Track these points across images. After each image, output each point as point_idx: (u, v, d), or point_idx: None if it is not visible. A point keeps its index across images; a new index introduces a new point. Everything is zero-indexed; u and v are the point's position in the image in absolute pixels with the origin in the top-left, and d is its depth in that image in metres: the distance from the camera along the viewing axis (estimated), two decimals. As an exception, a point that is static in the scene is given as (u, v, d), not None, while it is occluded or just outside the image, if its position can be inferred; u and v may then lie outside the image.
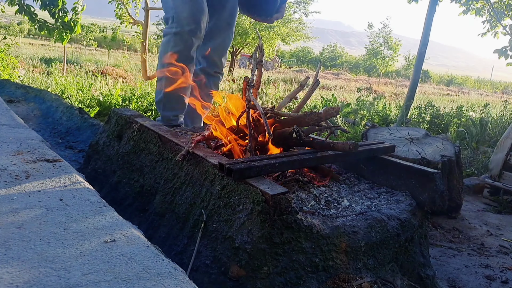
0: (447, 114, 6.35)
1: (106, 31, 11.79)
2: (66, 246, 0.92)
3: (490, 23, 7.60)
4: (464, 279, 1.80)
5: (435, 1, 6.22)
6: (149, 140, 1.67)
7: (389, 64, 24.02)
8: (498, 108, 8.20)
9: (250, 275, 1.07)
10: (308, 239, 1.16)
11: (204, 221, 1.21)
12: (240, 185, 1.18)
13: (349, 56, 40.17)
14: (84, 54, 16.70)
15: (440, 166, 2.31)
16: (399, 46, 23.74)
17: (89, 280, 0.80)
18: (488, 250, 2.15)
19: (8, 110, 2.21)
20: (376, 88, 17.72)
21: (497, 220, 2.66)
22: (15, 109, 2.87)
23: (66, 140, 2.56)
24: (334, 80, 21.99)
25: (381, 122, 6.11)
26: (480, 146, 4.88)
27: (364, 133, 2.75)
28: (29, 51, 14.45)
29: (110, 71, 11.38)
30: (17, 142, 1.62)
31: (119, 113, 1.95)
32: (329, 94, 9.47)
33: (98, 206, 1.16)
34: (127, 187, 1.66)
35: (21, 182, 1.24)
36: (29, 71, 8.60)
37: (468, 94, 20.43)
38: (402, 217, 1.41)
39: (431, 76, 33.83)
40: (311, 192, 1.47)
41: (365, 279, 1.22)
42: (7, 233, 0.94)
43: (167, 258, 0.93)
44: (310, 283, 1.14)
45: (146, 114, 4.94)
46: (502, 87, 31.96)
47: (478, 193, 3.22)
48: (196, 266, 1.17)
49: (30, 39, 25.48)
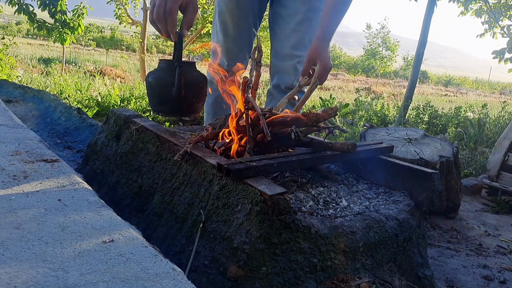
0: (445, 114, 6.37)
1: (105, 31, 11.80)
2: (64, 246, 0.92)
3: (488, 24, 7.62)
4: (462, 279, 1.80)
5: (433, 2, 6.24)
6: (148, 140, 1.67)
7: (387, 64, 24.07)
8: (496, 108, 8.23)
9: (249, 275, 1.07)
10: (307, 239, 1.16)
11: (203, 221, 1.21)
12: (238, 185, 1.18)
13: (347, 56, 40.22)
14: (83, 54, 16.67)
15: (438, 166, 2.32)
16: (397, 46, 23.79)
17: (87, 280, 0.80)
18: (486, 250, 2.16)
19: (6, 110, 2.21)
20: (374, 88, 17.75)
21: (495, 221, 2.66)
22: (13, 109, 2.87)
23: (65, 140, 2.55)
24: (333, 80, 22.01)
25: (379, 122, 6.12)
26: (478, 146, 4.90)
27: (362, 134, 2.76)
28: (27, 51, 14.42)
29: (108, 71, 11.38)
30: (15, 142, 1.62)
31: (117, 113, 1.94)
32: (327, 94, 9.48)
33: (96, 206, 1.16)
34: (126, 187, 1.66)
35: (19, 182, 1.23)
36: (28, 71, 8.59)
37: (466, 95, 20.49)
38: (400, 218, 1.42)
39: (429, 77, 33.90)
40: (310, 192, 1.47)
41: (364, 279, 1.22)
42: (5, 233, 0.94)
43: (165, 259, 0.93)
44: (309, 283, 1.14)
45: (145, 114, 4.94)
46: (500, 87, 32.05)
47: (476, 194, 3.22)
48: (195, 266, 1.17)
49: (29, 39, 25.44)
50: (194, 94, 1.58)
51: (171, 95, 1.50)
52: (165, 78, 1.54)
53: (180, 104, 1.56)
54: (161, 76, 1.56)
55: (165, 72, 1.55)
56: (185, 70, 1.52)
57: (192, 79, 1.57)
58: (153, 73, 1.59)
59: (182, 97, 1.51)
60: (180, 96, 1.50)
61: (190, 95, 1.56)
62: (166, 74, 1.54)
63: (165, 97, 1.54)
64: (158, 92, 1.56)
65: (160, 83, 1.55)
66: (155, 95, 1.58)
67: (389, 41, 23.92)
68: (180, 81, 1.48)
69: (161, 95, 1.56)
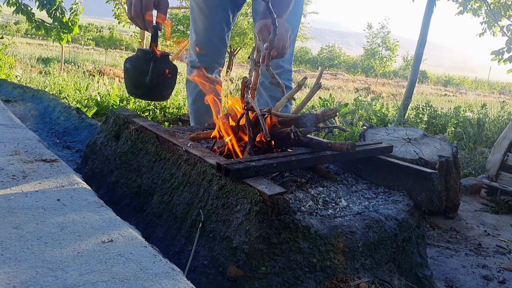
0: (445, 114, 6.37)
1: (102, 30, 11.79)
2: (63, 246, 0.92)
3: (487, 24, 7.62)
4: (462, 279, 1.80)
5: (433, 2, 6.24)
6: (147, 140, 1.67)
7: (387, 64, 24.07)
8: (495, 108, 8.23)
9: (248, 275, 1.07)
10: (306, 239, 1.16)
11: (202, 221, 1.21)
12: (238, 185, 1.18)
13: (347, 56, 40.21)
14: (82, 53, 16.65)
15: (438, 166, 2.32)
16: (397, 46, 23.79)
17: (86, 280, 0.80)
18: (486, 250, 2.16)
19: (5, 110, 2.20)
20: (374, 88, 17.75)
21: (494, 221, 2.66)
22: (12, 109, 2.87)
23: (64, 140, 2.55)
24: (332, 80, 22.02)
25: (379, 122, 6.12)
26: (477, 146, 4.90)
27: (362, 133, 2.76)
28: (26, 50, 14.39)
29: (107, 70, 11.36)
30: (14, 142, 1.62)
31: (116, 113, 1.94)
32: (327, 94, 9.48)
33: (95, 206, 1.16)
34: (125, 187, 1.65)
35: (18, 182, 1.23)
36: (27, 71, 8.57)
37: (466, 95, 20.51)
38: (400, 218, 1.42)
39: (429, 77, 33.93)
40: (309, 192, 1.47)
41: (363, 279, 1.22)
42: (4, 233, 0.94)
43: (164, 258, 0.93)
44: (308, 283, 1.14)
45: (144, 114, 4.94)
46: (499, 87, 32.08)
47: (476, 194, 3.23)
48: (194, 266, 1.17)
49: (28, 38, 25.39)
50: (164, 83, 1.77)
51: (145, 81, 1.67)
52: (140, 65, 1.71)
53: (152, 90, 1.74)
54: (137, 63, 1.73)
55: (140, 60, 1.72)
56: (159, 61, 1.68)
57: (163, 69, 1.74)
58: (130, 59, 1.77)
59: (154, 84, 1.68)
60: (152, 83, 1.67)
61: (161, 83, 1.75)
62: (141, 62, 1.71)
63: (139, 82, 1.72)
64: (134, 77, 1.74)
65: (135, 69, 1.72)
66: (131, 79, 1.76)
67: (389, 41, 23.92)
68: (153, 71, 1.65)
69: (135, 80, 1.74)
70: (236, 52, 17.02)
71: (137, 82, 1.72)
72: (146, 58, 1.69)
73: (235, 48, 16.08)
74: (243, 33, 14.35)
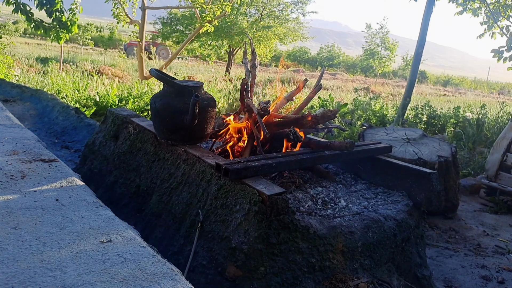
0: (444, 114, 6.37)
1: (103, 30, 11.76)
2: (62, 247, 0.91)
3: (487, 25, 7.62)
4: (461, 279, 1.80)
5: (432, 2, 6.24)
6: (146, 140, 1.67)
7: (386, 64, 24.06)
8: (494, 109, 8.23)
9: (247, 275, 1.07)
10: (305, 240, 1.16)
11: (201, 222, 1.21)
12: (237, 185, 1.18)
13: (346, 56, 40.18)
14: (81, 53, 16.61)
15: (437, 166, 2.32)
16: (396, 46, 23.77)
17: (85, 280, 0.80)
18: (484, 250, 2.16)
19: (4, 110, 2.20)
20: (373, 88, 17.75)
21: (493, 221, 2.67)
22: (11, 108, 2.86)
23: (62, 140, 2.55)
24: (331, 80, 22.01)
25: (378, 122, 6.12)
26: (476, 146, 4.90)
27: (361, 134, 2.76)
28: (25, 50, 14.36)
29: (106, 70, 11.34)
30: (12, 142, 1.61)
31: (115, 113, 1.94)
32: (326, 94, 9.47)
33: (94, 206, 1.15)
34: (124, 187, 1.65)
35: (17, 182, 1.23)
36: (25, 71, 8.55)
37: (465, 95, 20.51)
38: (399, 218, 1.42)
39: (428, 77, 33.93)
40: (308, 192, 1.47)
41: (362, 279, 1.22)
42: (2, 233, 0.94)
43: (163, 259, 0.93)
44: (307, 283, 1.14)
45: (143, 114, 4.93)
46: (499, 87, 32.09)
47: (475, 194, 3.23)
48: (193, 266, 1.16)
49: (26, 38, 25.33)
50: (206, 120, 1.46)
51: (183, 123, 1.38)
52: (173, 104, 1.41)
53: (193, 132, 1.44)
54: (169, 102, 1.42)
55: (172, 97, 1.42)
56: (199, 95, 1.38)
57: (204, 104, 1.44)
58: (159, 98, 1.45)
59: (195, 125, 1.40)
60: (193, 124, 1.39)
61: (203, 122, 1.44)
62: (174, 100, 1.41)
63: (176, 125, 1.42)
64: (168, 120, 1.43)
65: (169, 110, 1.41)
66: (164, 122, 1.45)
67: (388, 41, 23.90)
68: (194, 109, 1.35)
69: (171, 123, 1.43)
70: (235, 52, 17.01)
71: (173, 125, 1.40)
72: (177, 94, 1.39)
73: (235, 47, 16.08)
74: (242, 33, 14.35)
